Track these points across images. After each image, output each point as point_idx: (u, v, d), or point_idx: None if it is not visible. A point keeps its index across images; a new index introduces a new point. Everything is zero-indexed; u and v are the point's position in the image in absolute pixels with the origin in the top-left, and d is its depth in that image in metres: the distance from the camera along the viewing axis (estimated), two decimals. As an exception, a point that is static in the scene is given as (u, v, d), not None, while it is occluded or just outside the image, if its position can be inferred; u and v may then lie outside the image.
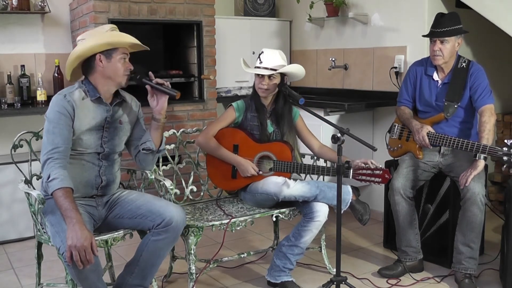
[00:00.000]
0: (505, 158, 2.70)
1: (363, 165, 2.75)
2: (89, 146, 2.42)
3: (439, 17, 2.98)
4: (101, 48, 2.37)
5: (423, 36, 3.13)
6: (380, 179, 2.68)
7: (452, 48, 2.98)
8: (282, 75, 2.92)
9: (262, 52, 2.91)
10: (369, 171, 2.69)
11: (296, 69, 2.95)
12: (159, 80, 2.46)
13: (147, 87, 2.46)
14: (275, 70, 2.87)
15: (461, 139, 2.86)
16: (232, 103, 2.99)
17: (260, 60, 2.89)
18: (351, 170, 2.71)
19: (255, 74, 2.91)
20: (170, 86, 2.48)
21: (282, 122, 2.96)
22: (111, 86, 2.43)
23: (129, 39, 2.41)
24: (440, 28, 2.94)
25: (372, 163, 2.73)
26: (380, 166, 2.73)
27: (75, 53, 2.39)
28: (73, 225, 2.09)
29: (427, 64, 3.15)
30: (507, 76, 4.30)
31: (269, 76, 2.88)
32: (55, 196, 2.17)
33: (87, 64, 2.42)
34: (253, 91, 2.99)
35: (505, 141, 2.71)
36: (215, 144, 2.92)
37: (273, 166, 2.88)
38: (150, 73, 2.47)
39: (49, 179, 2.19)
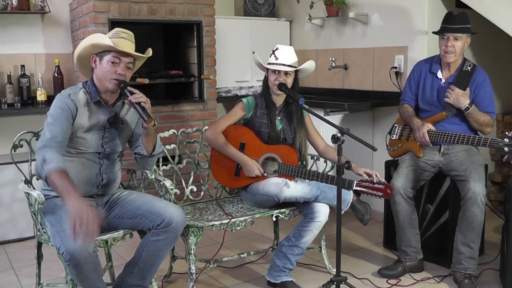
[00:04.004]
0: (506, 149, 2.71)
1: (366, 177, 2.76)
2: (90, 146, 2.43)
3: (452, 15, 2.99)
4: (88, 49, 2.40)
5: (434, 32, 3.12)
6: (381, 193, 2.69)
7: (463, 46, 2.99)
8: (296, 71, 2.93)
9: (277, 48, 2.90)
10: (371, 185, 2.70)
11: (311, 66, 2.96)
12: (134, 99, 2.35)
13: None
14: (293, 66, 2.87)
15: (461, 134, 2.88)
16: (242, 99, 2.99)
17: (275, 56, 2.88)
18: (354, 183, 2.72)
19: (270, 70, 2.90)
20: (149, 107, 2.38)
21: (295, 119, 2.96)
22: (106, 88, 2.42)
23: (107, 41, 2.34)
24: (454, 25, 2.95)
25: (376, 175, 2.74)
26: (384, 181, 2.74)
27: (75, 54, 2.47)
28: (72, 199, 2.04)
29: (432, 62, 3.16)
30: (507, 76, 4.30)
31: (286, 73, 2.88)
32: (50, 177, 2.13)
33: (89, 64, 2.46)
34: (264, 88, 2.99)
35: (506, 133, 2.72)
36: (224, 140, 2.92)
37: (277, 168, 2.88)
38: (130, 88, 2.39)
39: (44, 162, 2.15)
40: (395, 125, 3.32)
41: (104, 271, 2.59)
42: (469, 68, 3.05)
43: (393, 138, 3.30)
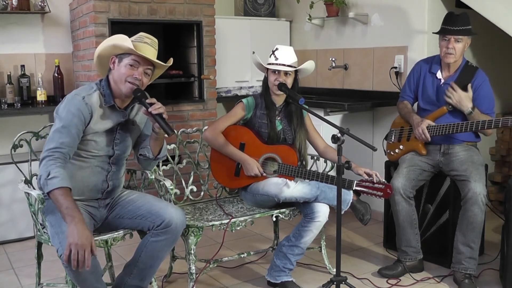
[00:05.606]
0: None
1: (366, 176, 2.75)
2: (101, 148, 2.40)
3: (454, 16, 2.98)
4: (109, 49, 2.36)
5: (434, 33, 3.12)
6: (381, 193, 2.69)
7: (463, 47, 2.99)
8: (295, 71, 2.93)
9: (277, 48, 2.90)
10: (371, 185, 2.70)
11: (310, 66, 2.96)
12: (155, 110, 2.31)
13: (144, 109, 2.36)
14: (292, 67, 2.87)
15: (464, 122, 2.89)
16: (242, 100, 2.99)
17: (275, 56, 2.88)
18: (354, 183, 2.72)
19: (270, 70, 2.90)
20: (167, 117, 2.34)
21: (294, 119, 2.96)
22: (121, 91, 2.37)
23: (128, 44, 2.31)
24: (456, 27, 2.94)
25: (376, 175, 2.74)
26: (384, 180, 2.73)
27: (96, 52, 2.42)
28: (75, 224, 2.06)
29: (432, 62, 3.16)
30: (507, 76, 4.30)
31: (286, 73, 2.88)
32: (54, 195, 2.12)
33: (107, 64, 2.41)
34: (264, 88, 2.98)
35: None
36: (223, 140, 2.92)
37: (277, 168, 2.88)
38: (153, 99, 2.34)
39: (49, 176, 2.13)
40: (392, 129, 3.32)
41: (104, 271, 2.59)
42: (470, 70, 3.05)
43: (391, 142, 3.30)
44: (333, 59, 4.41)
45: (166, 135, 2.39)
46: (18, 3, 3.84)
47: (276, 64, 2.86)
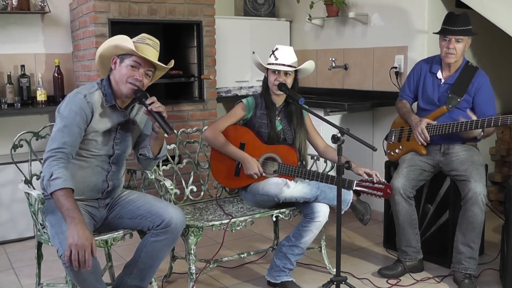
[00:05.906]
0: None
1: (366, 176, 2.75)
2: (102, 148, 2.40)
3: (454, 16, 2.98)
4: (110, 49, 2.36)
5: (434, 33, 3.12)
6: (381, 193, 2.69)
7: (464, 47, 2.99)
8: (295, 71, 2.93)
9: (277, 48, 2.90)
10: (371, 184, 2.70)
11: (310, 66, 2.96)
12: (155, 108, 2.32)
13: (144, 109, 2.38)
14: (292, 67, 2.87)
15: (464, 121, 2.88)
16: (242, 100, 2.99)
17: (275, 56, 2.88)
18: (354, 183, 2.72)
19: (270, 70, 2.90)
20: (166, 116, 2.35)
21: (294, 119, 2.96)
22: (121, 92, 2.37)
23: (129, 45, 2.31)
24: (456, 27, 2.94)
25: (376, 175, 2.74)
26: (384, 180, 2.73)
27: (97, 52, 2.42)
28: (75, 225, 2.06)
29: (433, 62, 3.16)
30: (507, 76, 4.30)
31: (285, 73, 2.88)
32: (56, 195, 2.12)
33: (109, 64, 2.41)
34: (264, 88, 2.98)
35: None
36: (224, 140, 2.92)
37: (277, 168, 2.88)
38: (153, 97, 2.35)
39: (52, 177, 2.13)
40: (392, 130, 3.32)
41: (104, 271, 2.59)
42: (470, 70, 3.04)
43: (391, 142, 3.30)
44: (333, 59, 4.41)
45: (166, 135, 2.40)
46: (18, 3, 3.84)
47: (276, 64, 2.86)
